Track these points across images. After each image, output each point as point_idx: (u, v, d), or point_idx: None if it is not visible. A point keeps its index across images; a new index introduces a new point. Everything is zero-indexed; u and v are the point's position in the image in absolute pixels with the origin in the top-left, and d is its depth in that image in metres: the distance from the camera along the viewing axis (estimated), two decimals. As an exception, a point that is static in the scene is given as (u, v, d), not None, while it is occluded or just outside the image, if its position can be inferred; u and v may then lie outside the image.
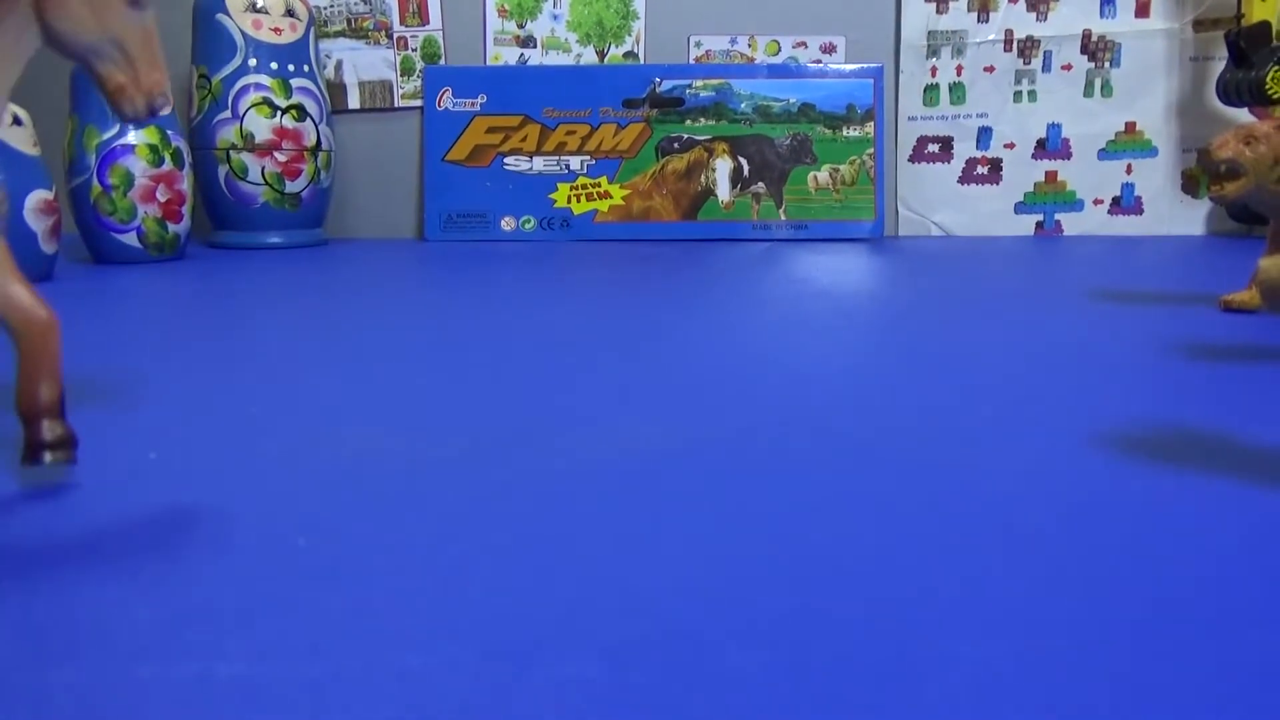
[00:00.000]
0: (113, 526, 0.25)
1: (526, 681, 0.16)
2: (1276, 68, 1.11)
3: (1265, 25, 1.13)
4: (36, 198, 0.83)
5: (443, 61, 1.40)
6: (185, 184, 1.04)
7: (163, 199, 1.01)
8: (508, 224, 1.31)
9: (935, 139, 1.39)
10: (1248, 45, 1.14)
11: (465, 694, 0.16)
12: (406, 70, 1.40)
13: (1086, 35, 1.35)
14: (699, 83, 1.33)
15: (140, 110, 0.26)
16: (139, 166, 0.99)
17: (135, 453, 0.31)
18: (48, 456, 0.27)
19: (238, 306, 0.69)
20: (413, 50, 1.41)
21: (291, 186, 1.21)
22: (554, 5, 1.37)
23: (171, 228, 1.03)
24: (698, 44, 1.44)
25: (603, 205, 1.33)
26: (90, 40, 0.25)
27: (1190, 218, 1.36)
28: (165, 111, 0.26)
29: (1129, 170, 1.37)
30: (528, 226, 1.30)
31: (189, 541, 0.23)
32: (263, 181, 1.20)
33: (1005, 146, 1.39)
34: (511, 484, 0.28)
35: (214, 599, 0.20)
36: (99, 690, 0.16)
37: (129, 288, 0.81)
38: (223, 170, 1.19)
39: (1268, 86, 1.11)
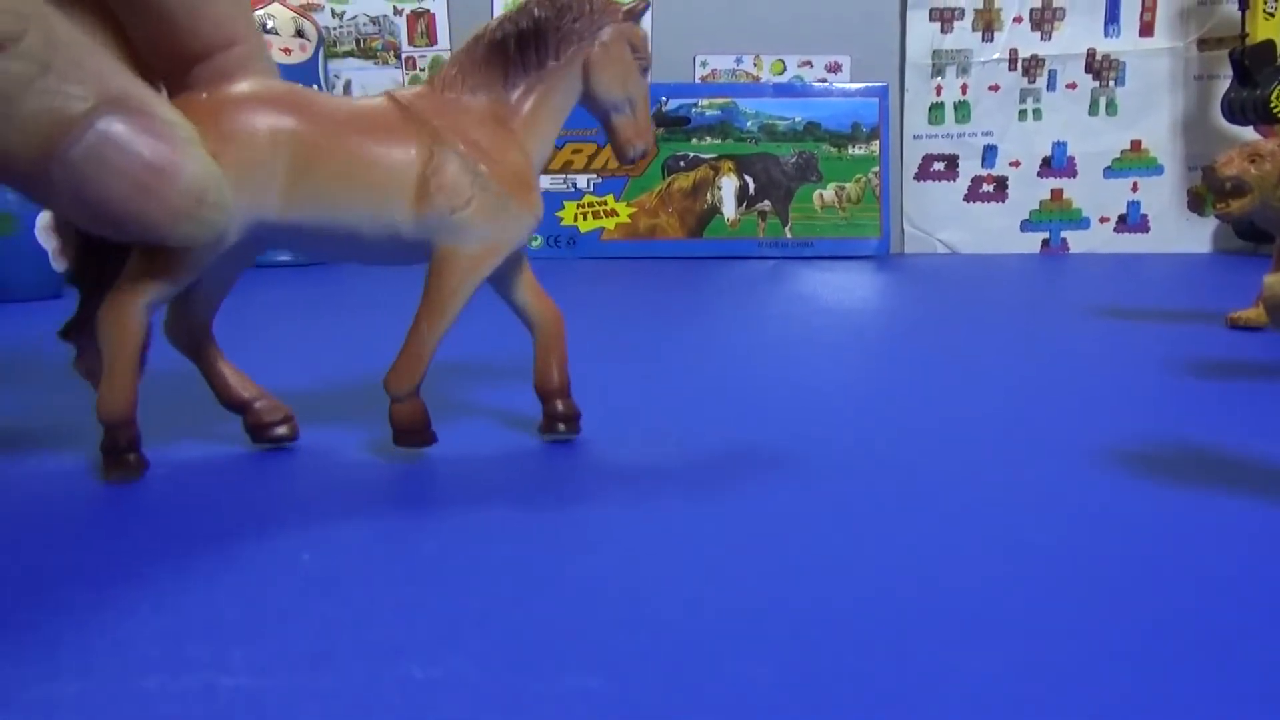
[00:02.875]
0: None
1: (530, 693, 0.16)
2: (1281, 86, 1.12)
3: (1270, 44, 1.14)
4: (47, 216, 0.84)
5: (450, 81, 1.41)
6: (194, 202, 1.05)
7: (172, 217, 1.02)
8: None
9: (940, 157, 1.40)
10: (1252, 64, 1.14)
11: (469, 706, 0.16)
12: (414, 90, 1.41)
13: (1091, 54, 1.36)
14: (705, 101, 1.33)
15: (637, 156, 0.32)
16: (149, 185, 0.99)
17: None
18: (561, 428, 0.33)
19: (252, 323, 0.70)
20: (421, 70, 1.42)
21: None
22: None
23: (180, 245, 1.03)
24: (703, 63, 1.45)
25: (609, 223, 1.34)
26: (616, 98, 0.32)
27: (1197, 235, 1.36)
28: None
29: (1135, 188, 1.37)
30: (534, 244, 1.31)
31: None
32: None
33: (1010, 164, 1.39)
34: (513, 491, 0.28)
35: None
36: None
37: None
38: (232, 189, 1.21)
39: (1272, 105, 1.11)
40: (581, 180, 1.32)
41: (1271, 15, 1.15)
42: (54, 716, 0.16)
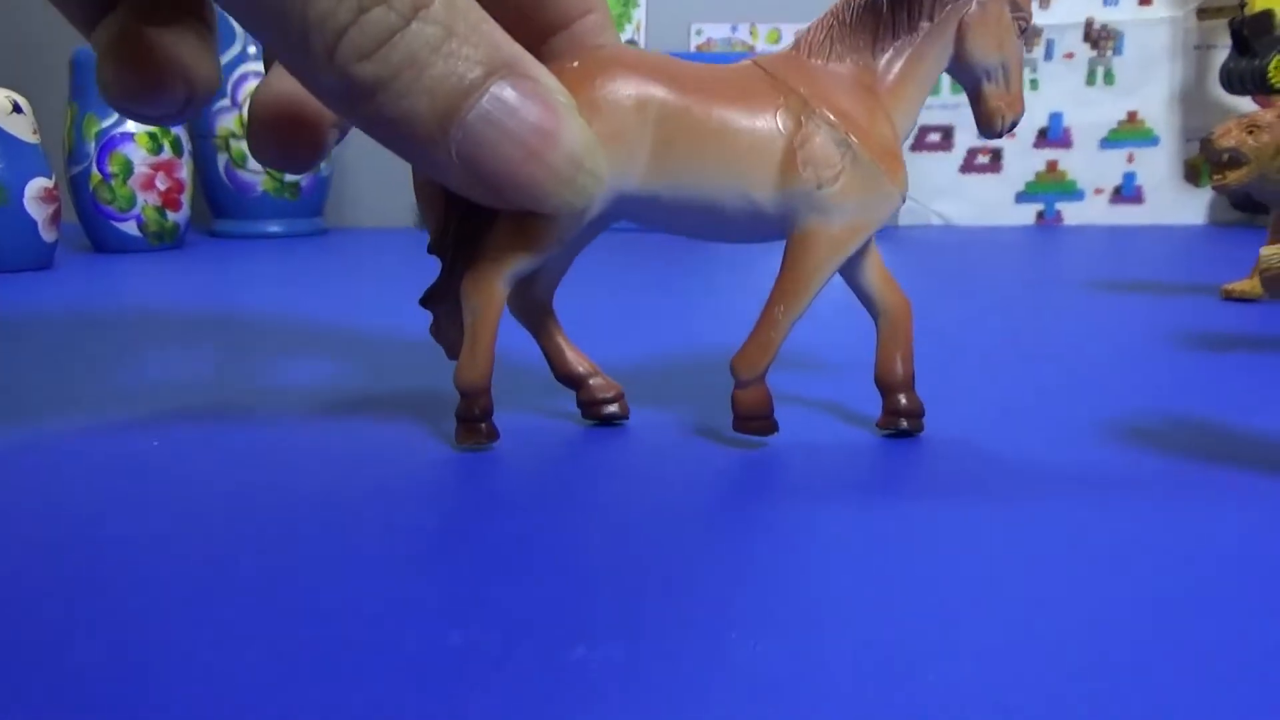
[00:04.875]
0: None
1: (551, 662, 0.16)
2: (1279, 56, 1.11)
3: (1268, 14, 1.13)
4: (36, 186, 0.83)
5: (442, 49, 1.39)
6: (185, 172, 1.04)
7: (162, 187, 1.01)
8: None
9: (936, 128, 1.39)
10: (1251, 34, 1.13)
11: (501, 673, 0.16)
12: (406, 58, 1.39)
13: (1089, 23, 1.35)
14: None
15: (1005, 129, 0.30)
16: (138, 155, 0.98)
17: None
18: (903, 423, 0.31)
19: (245, 293, 0.69)
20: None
21: (290, 175, 1.21)
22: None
23: (171, 216, 1.02)
24: (698, 32, 1.44)
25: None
26: (989, 62, 0.29)
27: (1192, 207, 1.36)
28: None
29: (1130, 159, 1.37)
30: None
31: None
32: (262, 170, 1.19)
33: (1006, 136, 1.38)
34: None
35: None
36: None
37: (131, 276, 0.81)
38: (222, 159, 1.19)
39: (1270, 75, 1.10)
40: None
41: (1271, -16, 1.14)
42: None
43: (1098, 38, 1.35)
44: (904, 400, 0.31)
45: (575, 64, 0.26)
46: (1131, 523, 0.23)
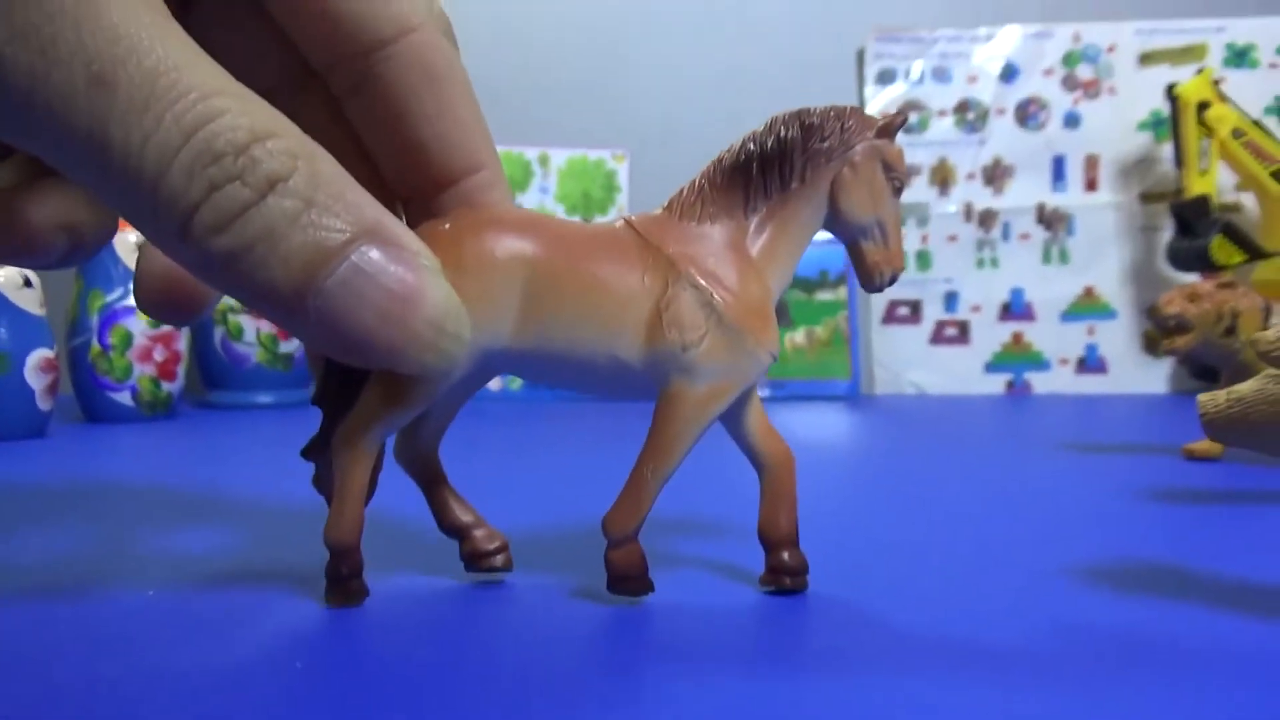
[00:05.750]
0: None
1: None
2: (1219, 237, 1.19)
3: (1204, 198, 1.22)
4: (37, 356, 0.85)
5: (435, 230, 1.46)
6: (182, 344, 1.07)
7: (159, 359, 1.03)
8: (494, 384, 1.34)
9: (905, 303, 1.46)
10: (1190, 216, 1.22)
11: None
12: (400, 238, 1.45)
13: (1041, 207, 1.45)
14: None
15: (884, 283, 0.30)
16: (138, 326, 1.02)
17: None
18: (787, 581, 0.30)
19: (237, 463, 0.71)
20: (406, 220, 1.47)
21: (285, 347, 1.24)
22: (542, 179, 1.45)
23: (165, 386, 1.05)
24: (677, 215, 1.51)
25: (587, 365, 1.36)
26: (864, 221, 0.29)
27: (1153, 377, 1.41)
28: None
29: (1091, 332, 1.43)
30: (514, 385, 1.34)
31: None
32: (257, 343, 1.23)
33: (972, 310, 1.45)
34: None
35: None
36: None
37: (125, 445, 0.82)
38: (219, 332, 1.23)
39: (1212, 253, 1.18)
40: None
41: (1205, 172, 1.23)
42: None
43: (1050, 220, 1.45)
44: (787, 557, 0.30)
45: (447, 225, 0.27)
46: (1087, 657, 0.25)
